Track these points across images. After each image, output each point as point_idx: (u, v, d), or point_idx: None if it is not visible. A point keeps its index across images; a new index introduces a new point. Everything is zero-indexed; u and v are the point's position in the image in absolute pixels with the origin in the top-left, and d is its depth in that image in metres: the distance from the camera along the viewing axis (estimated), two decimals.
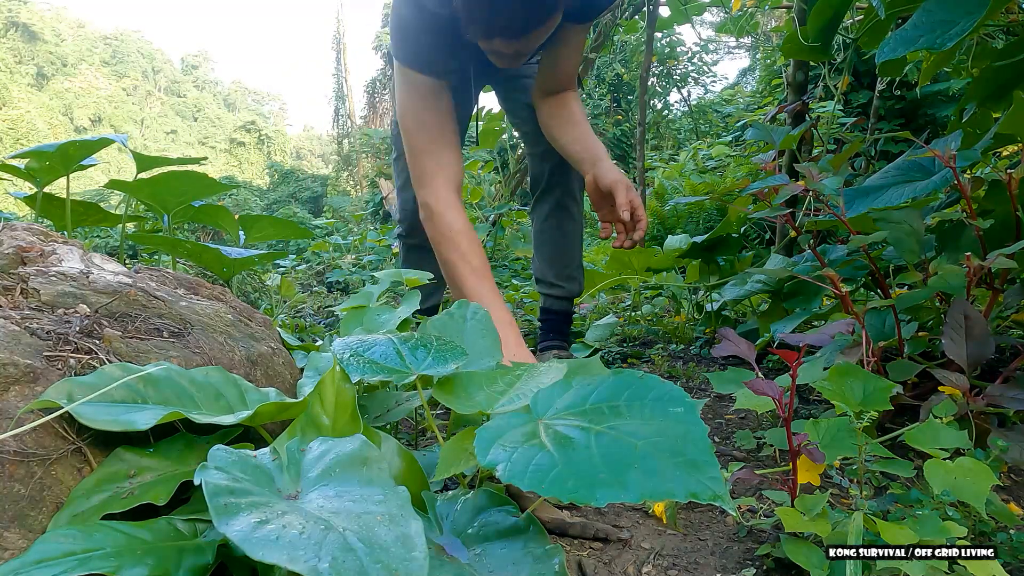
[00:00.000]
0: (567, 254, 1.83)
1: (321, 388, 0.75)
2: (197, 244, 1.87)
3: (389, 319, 1.06)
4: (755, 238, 3.72)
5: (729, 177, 5.08)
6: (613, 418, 0.66)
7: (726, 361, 1.76)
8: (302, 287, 4.25)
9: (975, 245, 1.19)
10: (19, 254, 0.88)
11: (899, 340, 1.16)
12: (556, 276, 1.84)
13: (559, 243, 1.82)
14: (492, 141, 3.87)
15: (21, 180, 1.83)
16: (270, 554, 0.44)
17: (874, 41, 1.54)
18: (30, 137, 33.06)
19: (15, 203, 10.94)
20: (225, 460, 0.57)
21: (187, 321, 0.89)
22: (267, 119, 67.88)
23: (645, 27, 3.03)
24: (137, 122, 55.71)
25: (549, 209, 1.78)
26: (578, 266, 1.86)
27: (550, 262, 1.83)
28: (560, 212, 1.79)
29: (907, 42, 1.09)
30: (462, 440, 0.76)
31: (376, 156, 13.03)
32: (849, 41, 2.73)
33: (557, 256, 1.83)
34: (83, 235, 5.02)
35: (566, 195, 1.77)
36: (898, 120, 5.23)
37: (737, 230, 2.08)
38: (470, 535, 0.67)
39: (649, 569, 0.77)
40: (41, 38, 50.40)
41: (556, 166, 1.72)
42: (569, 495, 0.56)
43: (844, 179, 1.28)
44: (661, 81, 9.53)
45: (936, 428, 0.85)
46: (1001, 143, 1.34)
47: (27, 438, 0.62)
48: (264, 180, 26.41)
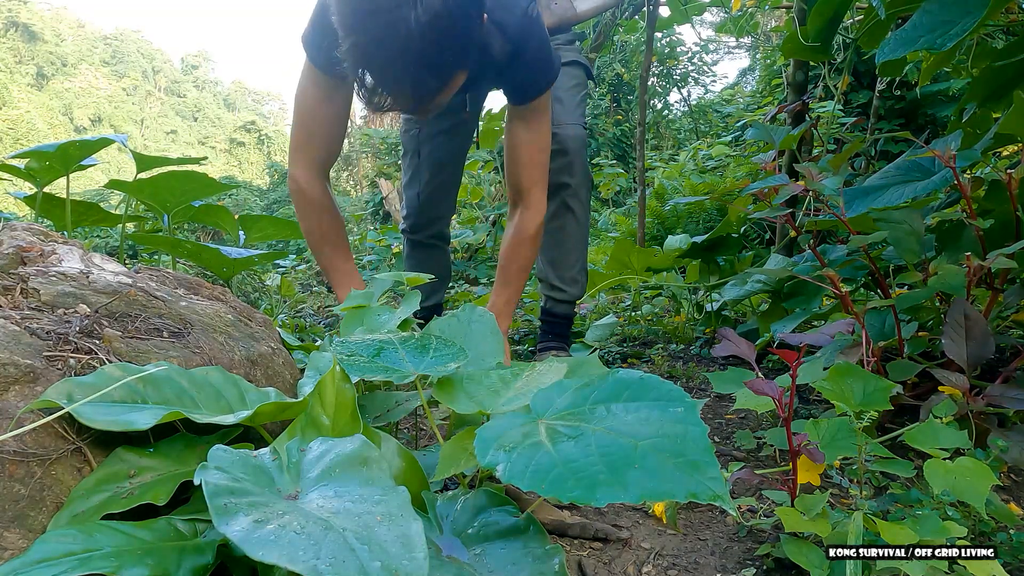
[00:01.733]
0: (570, 256, 1.82)
1: (321, 388, 0.75)
2: (197, 244, 1.87)
3: (389, 319, 1.06)
4: (755, 238, 3.72)
5: (729, 177, 5.08)
6: (613, 418, 0.66)
7: (726, 361, 1.76)
8: (302, 287, 4.25)
9: (975, 245, 1.19)
10: (19, 254, 0.88)
11: (899, 340, 1.16)
12: (558, 278, 1.83)
13: (562, 245, 1.80)
14: (492, 141, 3.86)
15: (21, 180, 1.83)
16: (270, 554, 0.44)
17: (874, 41, 1.54)
18: (30, 137, 33.06)
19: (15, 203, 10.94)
20: (225, 460, 0.57)
21: (187, 321, 0.89)
22: (267, 119, 67.90)
23: (645, 27, 3.03)
24: (137, 122, 55.69)
25: (554, 209, 1.76)
26: (581, 269, 1.85)
27: (552, 264, 1.83)
28: (565, 213, 1.77)
29: (907, 42, 1.09)
30: (462, 440, 0.76)
31: (376, 156, 13.03)
32: (849, 41, 2.73)
33: (560, 258, 1.82)
34: (83, 235, 5.02)
35: (571, 196, 1.76)
36: (898, 120, 5.23)
37: (737, 230, 2.08)
38: (470, 535, 0.67)
39: (649, 569, 0.77)
40: (41, 38, 50.39)
41: (564, 169, 1.71)
42: (569, 495, 0.56)
43: (844, 179, 1.28)
44: (661, 81, 9.53)
45: (936, 428, 0.85)
46: (1001, 143, 1.34)
47: (27, 438, 0.62)
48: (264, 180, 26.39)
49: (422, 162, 1.82)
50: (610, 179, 6.44)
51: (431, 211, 1.88)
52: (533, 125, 1.46)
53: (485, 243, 4.39)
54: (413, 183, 1.86)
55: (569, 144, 1.69)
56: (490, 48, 1.29)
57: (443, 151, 1.81)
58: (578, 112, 1.76)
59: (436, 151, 1.80)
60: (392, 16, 1.00)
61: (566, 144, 1.68)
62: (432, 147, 1.80)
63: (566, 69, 1.75)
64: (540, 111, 1.46)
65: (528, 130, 1.46)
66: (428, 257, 1.95)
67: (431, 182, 1.83)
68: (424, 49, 1.03)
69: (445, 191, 1.88)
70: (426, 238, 1.94)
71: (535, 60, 1.37)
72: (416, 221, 1.90)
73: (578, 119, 1.75)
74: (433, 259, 1.96)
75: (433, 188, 1.84)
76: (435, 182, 1.84)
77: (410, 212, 1.90)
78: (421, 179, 1.83)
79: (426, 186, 1.83)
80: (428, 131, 1.79)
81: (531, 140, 1.47)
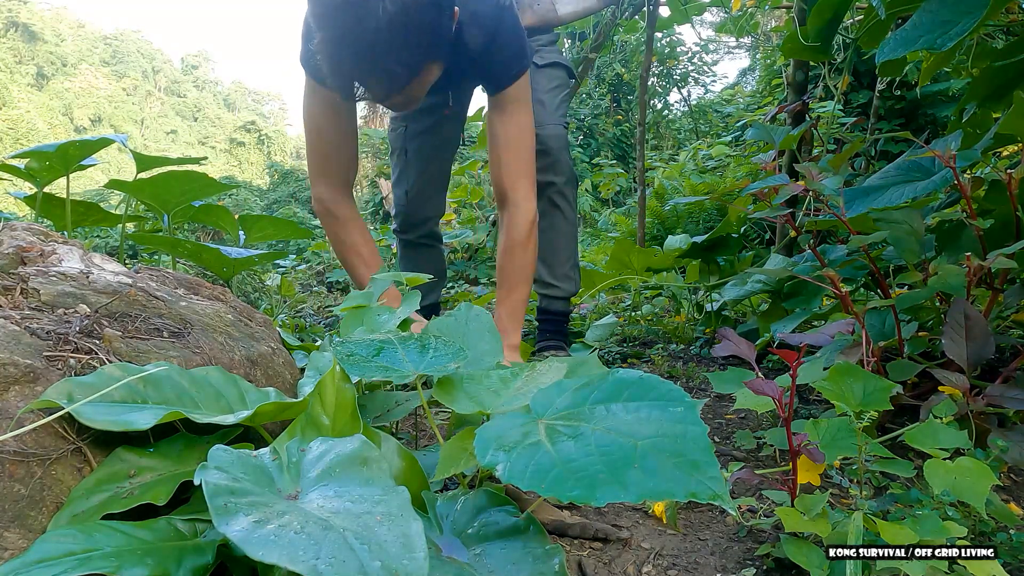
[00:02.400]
0: (561, 252, 1.83)
1: (321, 388, 0.75)
2: (197, 244, 1.87)
3: (389, 319, 1.06)
4: (755, 238, 3.72)
5: (729, 177, 5.08)
6: (613, 418, 0.66)
7: (726, 361, 1.76)
8: (302, 287, 4.25)
9: (975, 245, 1.19)
10: (19, 254, 0.88)
11: (899, 340, 1.16)
12: (551, 276, 1.84)
13: (553, 242, 1.81)
14: None
15: (21, 180, 1.83)
16: (270, 554, 0.44)
17: (874, 41, 1.54)
18: (30, 137, 33.07)
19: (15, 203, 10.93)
20: (225, 460, 0.57)
21: (187, 321, 0.89)
22: (267, 119, 67.94)
23: (645, 27, 3.03)
24: (137, 122, 55.70)
25: (542, 208, 1.76)
26: (574, 265, 1.86)
27: (545, 262, 1.83)
28: (552, 211, 1.78)
29: (907, 42, 1.09)
30: (462, 440, 0.76)
31: (376, 156, 13.04)
32: (849, 41, 2.73)
33: (551, 255, 1.83)
34: (83, 235, 5.02)
35: (556, 193, 1.77)
36: (898, 120, 5.23)
37: (737, 230, 2.08)
38: (470, 535, 0.67)
39: (649, 569, 0.77)
40: (41, 38, 50.40)
41: (546, 166, 1.71)
42: (569, 495, 0.56)
43: (844, 179, 1.28)
44: (661, 81, 9.53)
45: (936, 428, 0.85)
46: (1001, 143, 1.34)
47: (27, 438, 0.62)
48: (264, 180, 26.42)
49: (409, 160, 1.83)
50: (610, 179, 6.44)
51: (420, 209, 1.89)
52: (511, 117, 1.44)
53: (485, 243, 4.39)
54: (401, 181, 1.87)
55: (551, 143, 1.70)
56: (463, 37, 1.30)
57: (429, 148, 1.82)
58: (559, 112, 1.77)
59: (423, 149, 1.81)
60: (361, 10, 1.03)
61: (548, 144, 1.69)
62: (418, 144, 1.81)
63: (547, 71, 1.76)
64: (517, 101, 1.44)
65: (505, 122, 1.44)
66: (421, 257, 1.96)
67: (419, 180, 1.84)
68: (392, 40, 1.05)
69: (433, 189, 1.89)
70: (417, 237, 1.94)
71: (508, 46, 1.38)
72: (406, 220, 1.91)
73: (559, 119, 1.76)
74: (427, 259, 1.96)
75: (421, 186, 1.85)
76: (423, 180, 1.85)
77: (399, 210, 1.91)
78: (409, 177, 1.85)
79: (414, 184, 1.84)
80: (413, 129, 1.80)
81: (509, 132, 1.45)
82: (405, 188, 1.86)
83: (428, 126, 1.79)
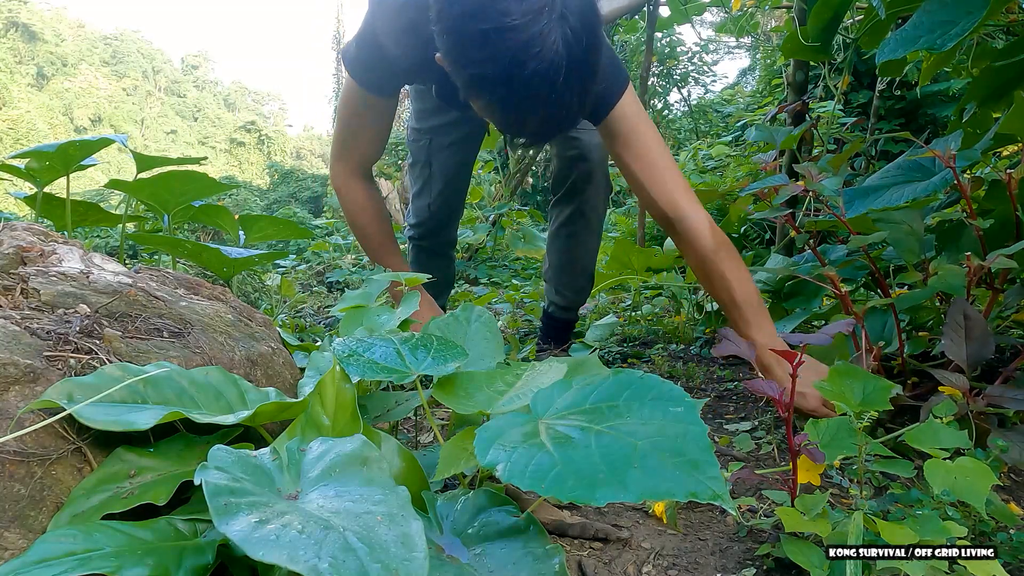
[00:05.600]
0: (578, 264, 1.79)
1: (321, 388, 0.75)
2: (197, 244, 1.87)
3: (389, 319, 1.06)
4: (755, 238, 3.72)
5: (729, 177, 5.08)
6: (613, 418, 0.66)
7: (726, 361, 1.76)
8: (302, 287, 4.25)
9: (975, 245, 1.19)
10: (19, 254, 0.88)
11: (899, 340, 1.16)
12: (564, 285, 1.81)
13: (572, 252, 1.77)
14: (492, 141, 3.86)
15: (21, 180, 1.83)
16: (270, 554, 0.44)
17: (874, 41, 1.54)
18: (30, 137, 33.06)
19: (15, 203, 10.94)
20: (225, 460, 0.57)
21: (187, 321, 0.89)
22: (267, 119, 67.95)
23: (645, 27, 3.03)
24: (137, 122, 55.69)
25: (568, 214, 1.72)
26: (589, 278, 1.83)
27: (559, 268, 1.80)
28: (578, 220, 1.73)
29: (907, 42, 1.09)
30: (462, 440, 0.76)
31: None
32: (849, 41, 2.73)
33: (567, 265, 1.79)
34: (83, 235, 5.02)
35: (586, 204, 1.70)
36: (898, 120, 5.24)
37: (737, 230, 2.08)
38: (470, 535, 0.67)
39: (649, 569, 0.77)
40: (41, 38, 50.39)
41: (583, 175, 1.66)
42: (569, 495, 0.56)
43: (844, 179, 1.28)
44: (661, 81, 9.51)
45: (936, 428, 0.85)
46: (1001, 143, 1.33)
47: (27, 438, 0.62)
48: (264, 180, 26.45)
49: (433, 173, 1.76)
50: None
51: (442, 220, 1.85)
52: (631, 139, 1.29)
53: (485, 243, 4.39)
54: (423, 194, 1.81)
55: (592, 153, 1.63)
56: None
57: (454, 164, 1.76)
58: None
59: (448, 163, 1.75)
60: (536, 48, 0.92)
61: (589, 153, 1.63)
62: (444, 158, 1.74)
63: None
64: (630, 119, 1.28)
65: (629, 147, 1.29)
66: (435, 263, 1.92)
67: (443, 192, 1.78)
68: (569, 77, 0.96)
69: (457, 200, 1.84)
70: (435, 244, 1.90)
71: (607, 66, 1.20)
72: (427, 230, 1.86)
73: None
74: (440, 264, 1.94)
75: (445, 199, 1.80)
76: (447, 192, 1.79)
77: (420, 221, 1.85)
78: (432, 190, 1.78)
79: (438, 196, 1.79)
80: (439, 142, 1.73)
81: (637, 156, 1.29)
82: (428, 201, 1.80)
83: (455, 139, 1.72)
